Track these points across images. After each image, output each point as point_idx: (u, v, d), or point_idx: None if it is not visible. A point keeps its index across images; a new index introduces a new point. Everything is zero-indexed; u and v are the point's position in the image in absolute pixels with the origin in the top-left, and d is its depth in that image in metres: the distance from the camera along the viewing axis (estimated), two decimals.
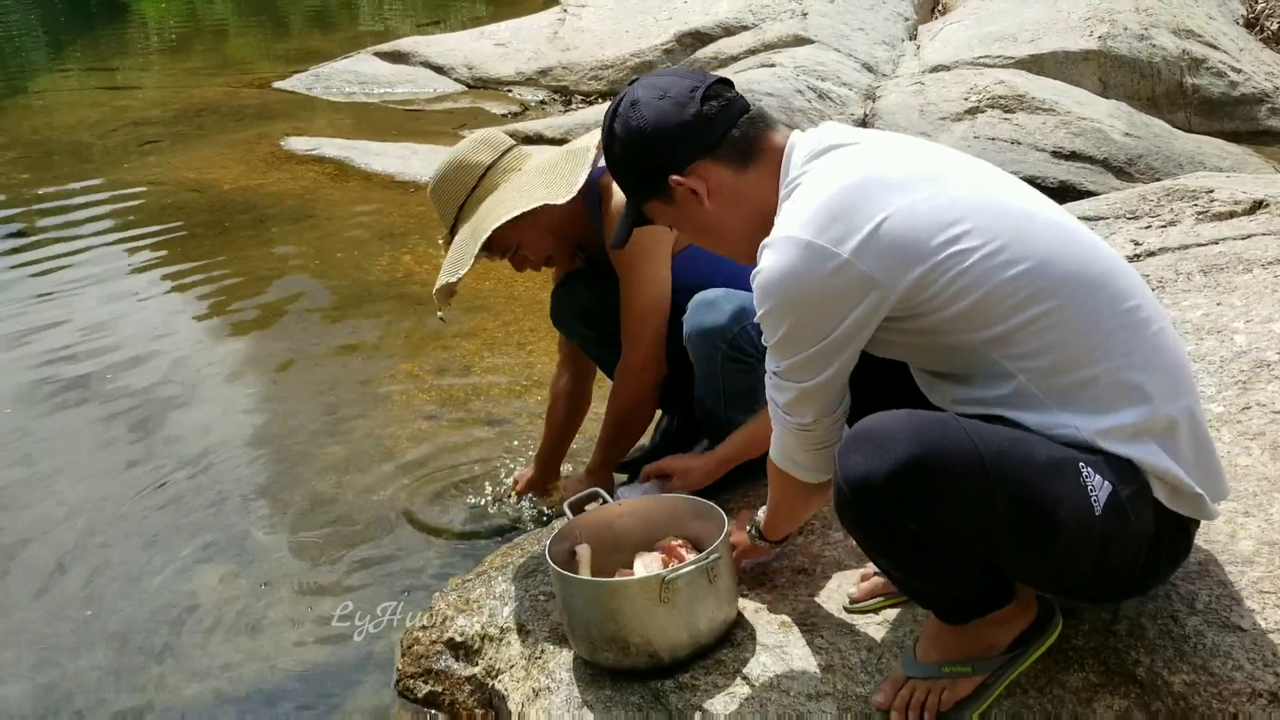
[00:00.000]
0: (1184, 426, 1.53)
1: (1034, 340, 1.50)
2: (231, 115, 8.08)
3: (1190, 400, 1.56)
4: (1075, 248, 1.55)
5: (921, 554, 1.51)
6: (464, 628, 2.16)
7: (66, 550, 2.86)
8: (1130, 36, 6.66)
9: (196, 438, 3.44)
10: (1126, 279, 1.57)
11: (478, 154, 2.37)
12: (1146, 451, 1.49)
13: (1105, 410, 1.50)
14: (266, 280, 4.91)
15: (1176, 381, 1.54)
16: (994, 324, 1.50)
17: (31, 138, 7.96)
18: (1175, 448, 1.51)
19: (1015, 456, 1.47)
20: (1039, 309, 1.49)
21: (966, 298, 1.49)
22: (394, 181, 6.06)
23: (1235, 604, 1.65)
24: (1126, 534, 1.49)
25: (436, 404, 3.54)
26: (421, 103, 8.36)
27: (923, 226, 1.49)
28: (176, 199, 6.08)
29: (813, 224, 1.51)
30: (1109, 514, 1.46)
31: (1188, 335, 2.43)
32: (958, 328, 1.52)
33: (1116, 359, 1.50)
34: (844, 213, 1.50)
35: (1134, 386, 1.50)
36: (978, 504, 1.45)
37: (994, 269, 1.49)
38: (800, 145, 1.64)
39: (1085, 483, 1.46)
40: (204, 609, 2.59)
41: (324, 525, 2.90)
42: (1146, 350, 1.53)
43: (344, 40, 11.24)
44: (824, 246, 1.49)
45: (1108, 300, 1.52)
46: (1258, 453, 1.99)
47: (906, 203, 1.50)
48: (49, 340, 4.27)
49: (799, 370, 1.57)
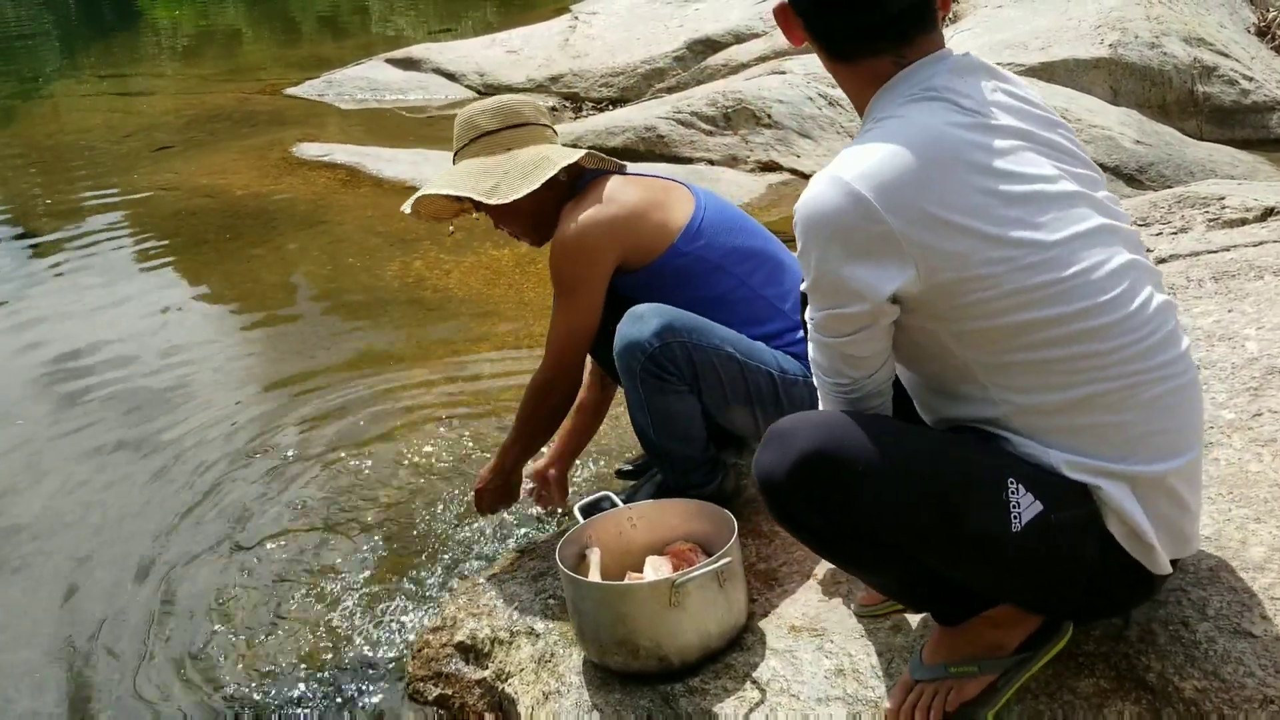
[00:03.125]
0: (1166, 488, 1.49)
1: (1034, 379, 1.46)
2: (244, 121, 8.12)
3: (1182, 462, 1.50)
4: (1118, 292, 1.46)
5: (849, 550, 1.54)
6: (474, 631, 2.16)
7: (77, 552, 2.88)
8: (1141, 44, 6.65)
9: (206, 441, 3.46)
10: (1164, 326, 1.49)
11: (486, 119, 2.40)
12: (1113, 488, 1.46)
13: (1083, 452, 1.47)
14: (277, 286, 4.93)
15: (1173, 442, 1.50)
16: (1002, 353, 1.46)
17: (45, 143, 8.02)
18: (1149, 500, 1.48)
19: (933, 461, 1.48)
20: (1056, 353, 1.44)
21: (987, 320, 1.44)
22: (405, 187, 6.08)
23: (1246, 610, 1.65)
24: (1053, 556, 1.48)
25: (446, 408, 3.55)
26: (433, 109, 8.39)
27: (985, 235, 1.42)
28: (189, 204, 6.11)
29: (873, 178, 1.41)
30: (1030, 534, 1.45)
31: (1199, 342, 2.43)
32: (965, 341, 1.48)
33: (1114, 414, 1.46)
34: (911, 180, 1.41)
35: (1123, 441, 1.47)
36: (884, 504, 1.44)
37: (1030, 303, 1.43)
38: (904, 80, 1.51)
39: (1009, 499, 1.45)
40: (211, 610, 2.61)
41: (334, 529, 2.91)
42: (1155, 410, 1.47)
43: (356, 46, 11.29)
44: (874, 206, 1.41)
45: (1130, 354, 1.46)
46: (1269, 459, 1.98)
47: (978, 202, 1.42)
48: (60, 344, 4.30)
49: (832, 325, 1.49)
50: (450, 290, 4.63)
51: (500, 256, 4.91)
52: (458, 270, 4.84)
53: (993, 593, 1.59)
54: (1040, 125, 1.53)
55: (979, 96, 1.49)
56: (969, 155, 1.43)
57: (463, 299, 4.52)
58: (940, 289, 1.43)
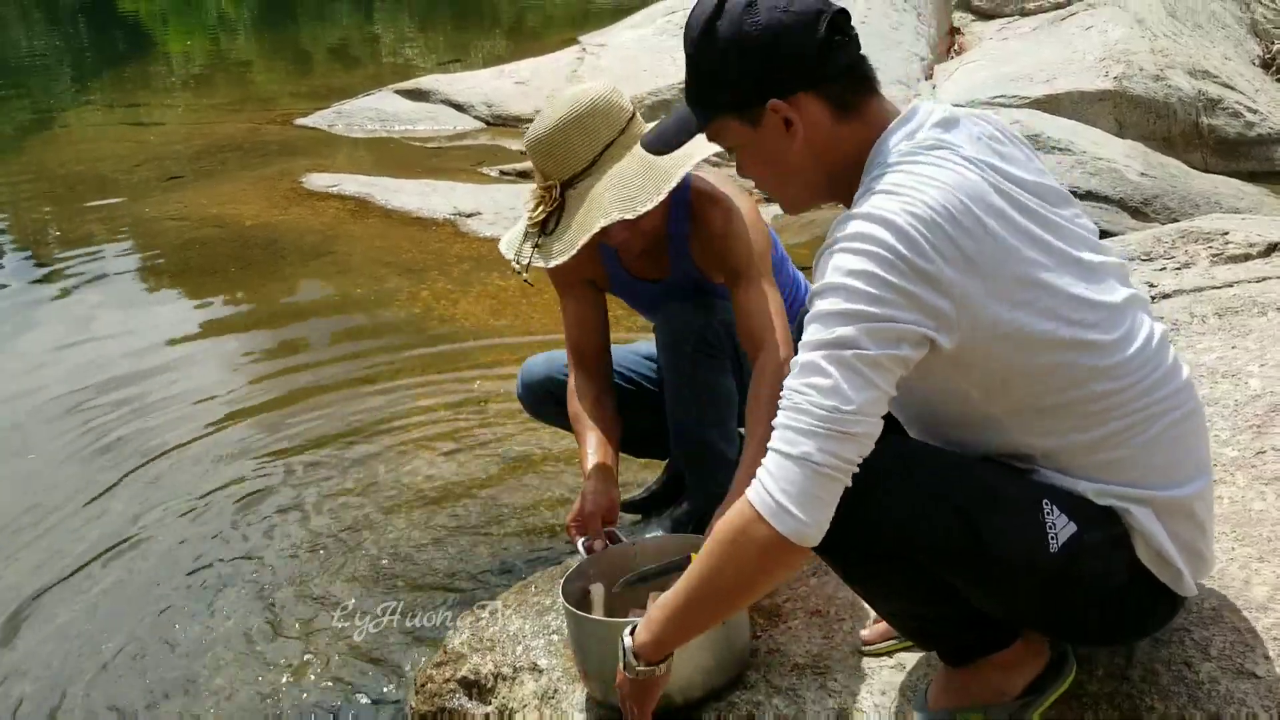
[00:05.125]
0: (1187, 511, 1.51)
1: (1057, 423, 1.46)
2: (254, 151, 8.18)
3: (1198, 487, 1.52)
4: (1125, 329, 1.47)
5: (870, 571, 1.53)
6: (477, 666, 2.16)
7: (83, 570, 2.89)
8: (1146, 77, 6.68)
9: (214, 470, 3.47)
10: (1168, 357, 1.51)
11: (610, 118, 2.12)
12: (1141, 512, 1.48)
13: (1109, 481, 1.48)
14: (286, 315, 4.96)
15: (1190, 468, 1.52)
16: (1025, 399, 1.45)
17: (58, 171, 8.08)
18: (1172, 524, 1.50)
19: (963, 482, 1.47)
20: (1076, 394, 1.44)
21: (1013, 366, 1.42)
22: (413, 218, 6.13)
23: (1249, 650, 1.64)
24: (1086, 577, 1.48)
25: (452, 440, 3.56)
26: (441, 140, 8.44)
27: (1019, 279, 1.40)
28: (198, 234, 6.16)
29: (916, 220, 1.35)
30: (1065, 555, 1.45)
31: (1202, 379, 2.43)
32: (990, 391, 1.45)
33: (1134, 448, 1.47)
34: (949, 228, 1.36)
35: (1147, 470, 1.48)
36: (913, 524, 1.44)
37: (1054, 347, 1.42)
38: (901, 130, 1.47)
39: (1045, 519, 1.45)
40: (211, 640, 2.61)
41: (335, 558, 2.91)
42: (1169, 439, 1.49)
43: (366, 77, 11.38)
44: (922, 243, 1.35)
45: (1142, 389, 1.46)
46: (1271, 498, 1.98)
47: (1008, 245, 1.40)
48: (71, 373, 4.32)
49: (865, 338, 1.35)
50: (457, 320, 4.65)
51: (506, 287, 4.94)
52: (464, 300, 4.86)
53: (1015, 616, 1.58)
54: (1021, 168, 1.50)
55: (970, 146, 1.47)
56: (990, 199, 1.41)
57: (469, 329, 4.54)
58: (974, 330, 1.39)
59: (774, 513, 1.38)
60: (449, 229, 5.92)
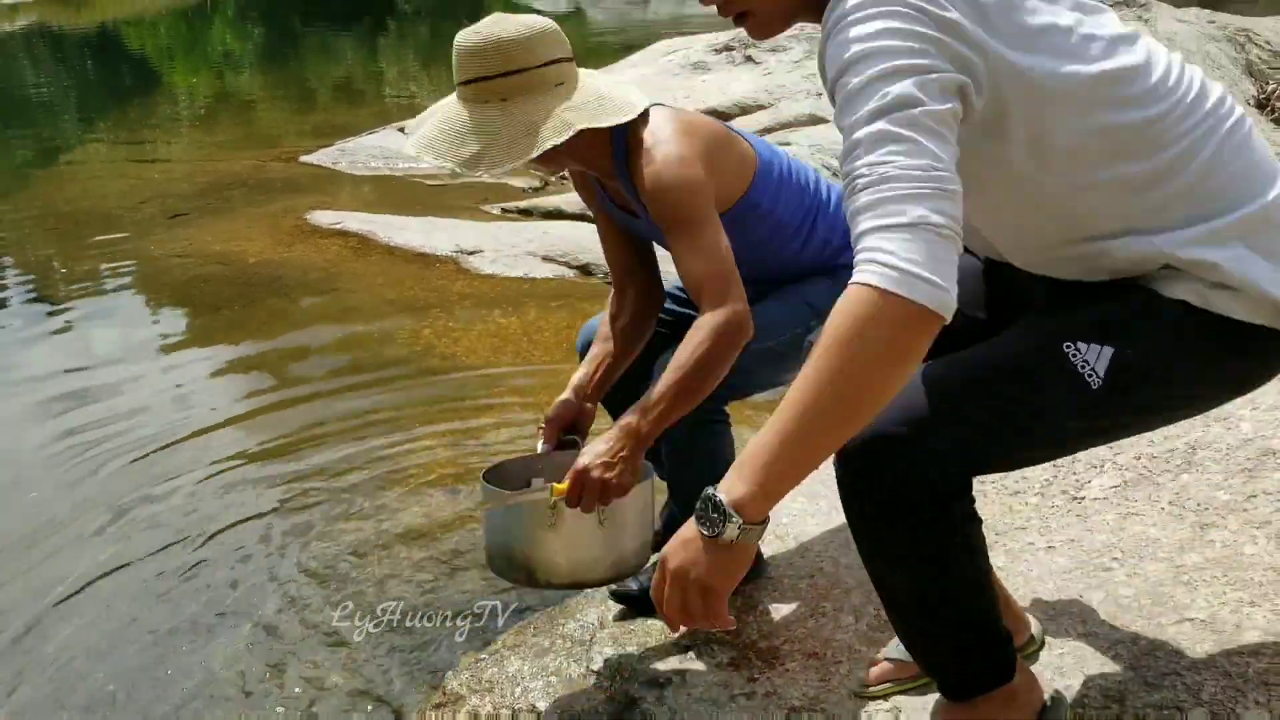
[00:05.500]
0: (1274, 223, 1.44)
1: (1107, 149, 1.41)
2: (258, 188, 8.25)
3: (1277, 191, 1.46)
4: (1144, 57, 1.44)
5: (900, 538, 1.45)
6: (476, 708, 2.17)
7: (88, 593, 2.91)
8: None
9: (214, 507, 3.49)
10: (1189, 73, 1.48)
11: (559, 42, 2.17)
12: (1231, 260, 1.40)
13: (1184, 224, 1.42)
14: (288, 351, 4.99)
15: (1266, 173, 1.47)
16: (1070, 134, 1.39)
17: (63, 208, 8.14)
18: (1266, 238, 1.42)
19: (978, 377, 1.45)
20: (1117, 120, 1.40)
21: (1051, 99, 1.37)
22: (416, 255, 6.17)
23: (1241, 695, 1.66)
24: (1147, 376, 1.44)
25: (453, 478, 3.58)
26: (444, 177, 8.52)
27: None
28: (202, 271, 6.20)
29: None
30: (1113, 377, 1.42)
31: (1193, 423, 2.46)
32: (1042, 159, 1.40)
33: (1194, 174, 1.42)
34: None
35: (1218, 194, 1.42)
36: (953, 443, 1.41)
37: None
38: None
39: (1073, 363, 1.43)
40: (205, 681, 2.62)
41: (332, 596, 2.92)
42: (1226, 155, 1.44)
43: (370, 114, 11.48)
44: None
45: (1180, 113, 1.42)
46: (1264, 541, 2.01)
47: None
48: (72, 411, 4.35)
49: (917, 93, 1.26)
50: (458, 357, 4.69)
51: (508, 325, 4.98)
52: (466, 337, 4.90)
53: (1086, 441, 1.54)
54: None
55: None
56: None
57: (470, 365, 4.58)
58: (1001, 84, 1.34)
59: (909, 284, 1.20)
60: (451, 266, 5.97)
